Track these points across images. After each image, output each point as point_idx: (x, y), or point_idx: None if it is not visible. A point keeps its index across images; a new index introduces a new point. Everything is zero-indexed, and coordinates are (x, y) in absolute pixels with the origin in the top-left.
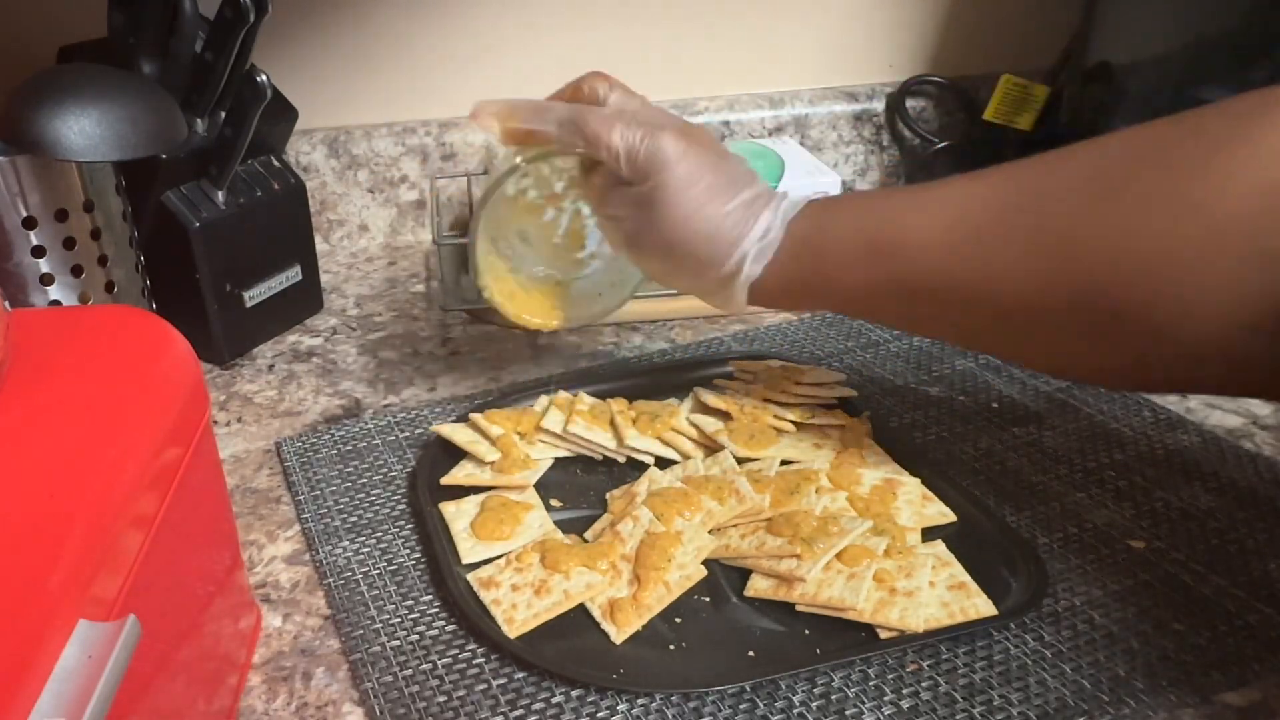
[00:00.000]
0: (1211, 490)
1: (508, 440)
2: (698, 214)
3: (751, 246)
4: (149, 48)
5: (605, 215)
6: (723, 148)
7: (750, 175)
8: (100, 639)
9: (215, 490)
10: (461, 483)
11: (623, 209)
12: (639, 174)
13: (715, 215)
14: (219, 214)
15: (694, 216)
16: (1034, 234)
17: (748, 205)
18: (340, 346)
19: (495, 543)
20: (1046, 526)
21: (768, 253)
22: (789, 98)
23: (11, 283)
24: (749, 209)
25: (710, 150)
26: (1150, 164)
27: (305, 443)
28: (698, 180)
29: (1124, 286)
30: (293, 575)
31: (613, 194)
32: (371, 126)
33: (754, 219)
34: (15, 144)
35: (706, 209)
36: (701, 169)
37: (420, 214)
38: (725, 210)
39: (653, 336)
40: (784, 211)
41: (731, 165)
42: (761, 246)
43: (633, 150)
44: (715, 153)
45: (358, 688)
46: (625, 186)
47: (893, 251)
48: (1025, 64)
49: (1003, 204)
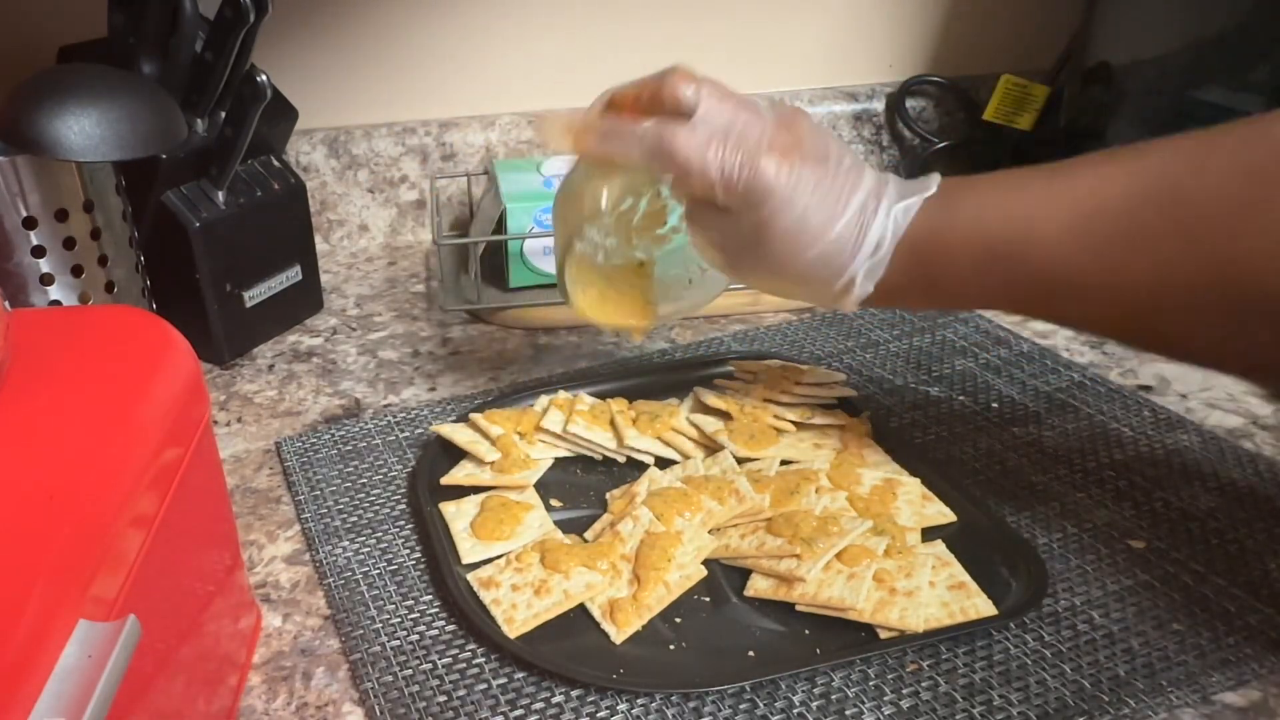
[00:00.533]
0: (1211, 490)
1: (507, 440)
2: (805, 244)
3: (861, 266)
4: (149, 48)
5: (698, 234)
6: (824, 137)
7: (856, 171)
8: (100, 639)
9: (215, 490)
10: (461, 482)
11: (719, 234)
12: (738, 205)
13: (823, 239)
14: (219, 214)
15: (801, 247)
16: (1184, 231)
17: (856, 217)
18: (340, 346)
19: (495, 543)
20: (1046, 526)
21: (878, 270)
22: (789, 98)
23: (11, 283)
24: (858, 221)
25: (812, 155)
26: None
27: (305, 443)
28: (803, 202)
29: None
30: (293, 575)
31: (706, 215)
32: (371, 126)
33: (863, 234)
34: (15, 144)
35: (814, 235)
36: (806, 186)
37: (420, 214)
38: (834, 233)
39: (653, 336)
40: (895, 217)
41: (836, 166)
42: (872, 265)
43: (730, 181)
44: (817, 156)
45: (358, 688)
46: (721, 211)
47: (1017, 254)
48: (1025, 64)
49: (1144, 197)
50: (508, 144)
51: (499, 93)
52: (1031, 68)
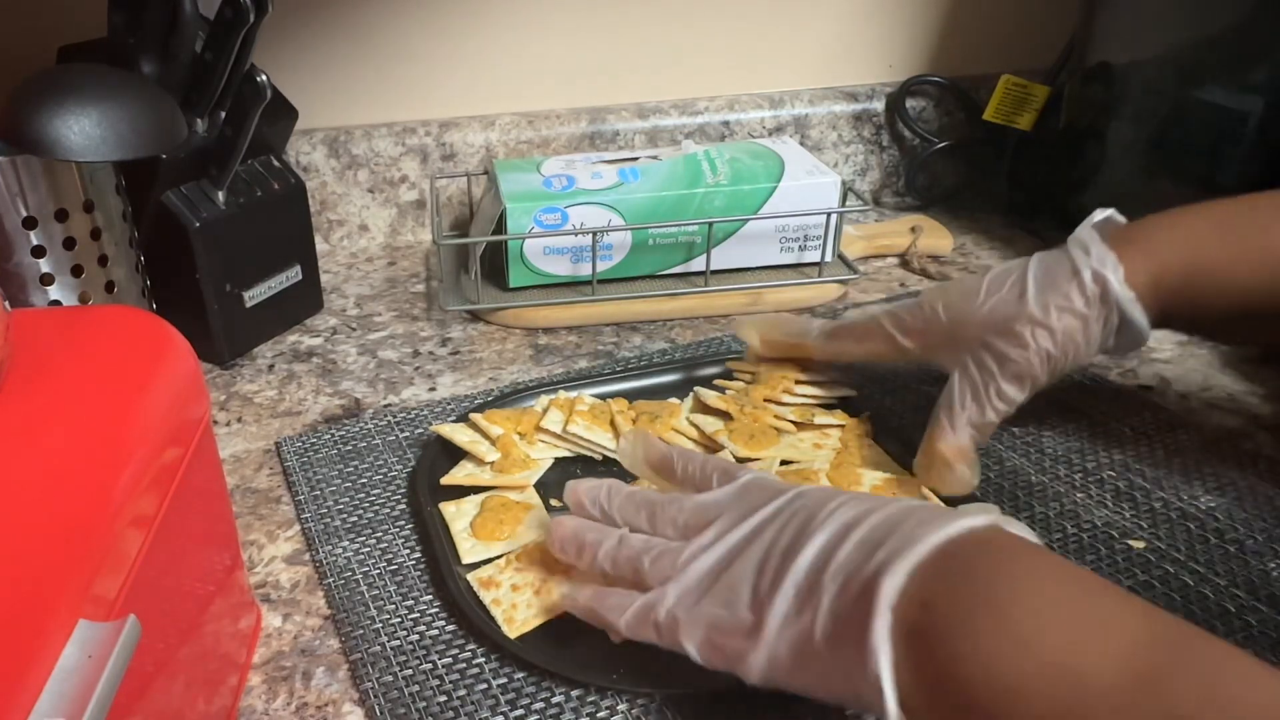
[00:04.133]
0: (1211, 490)
1: (508, 440)
2: None
3: None
4: (149, 48)
5: None
6: None
7: None
8: (100, 639)
9: (215, 490)
10: (461, 482)
11: None
12: None
13: None
14: (219, 214)
15: None
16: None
17: None
18: (340, 346)
19: (495, 542)
20: (1046, 526)
21: None
22: (789, 98)
23: (11, 283)
24: None
25: None
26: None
27: (305, 443)
28: None
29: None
30: (293, 575)
31: None
32: (371, 126)
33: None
34: (15, 144)
35: None
36: None
37: (420, 214)
38: None
39: (653, 336)
40: None
41: None
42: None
43: None
44: None
45: (358, 688)
46: None
47: None
48: (1025, 64)
49: None
50: (508, 144)
51: (499, 93)
52: (1031, 68)
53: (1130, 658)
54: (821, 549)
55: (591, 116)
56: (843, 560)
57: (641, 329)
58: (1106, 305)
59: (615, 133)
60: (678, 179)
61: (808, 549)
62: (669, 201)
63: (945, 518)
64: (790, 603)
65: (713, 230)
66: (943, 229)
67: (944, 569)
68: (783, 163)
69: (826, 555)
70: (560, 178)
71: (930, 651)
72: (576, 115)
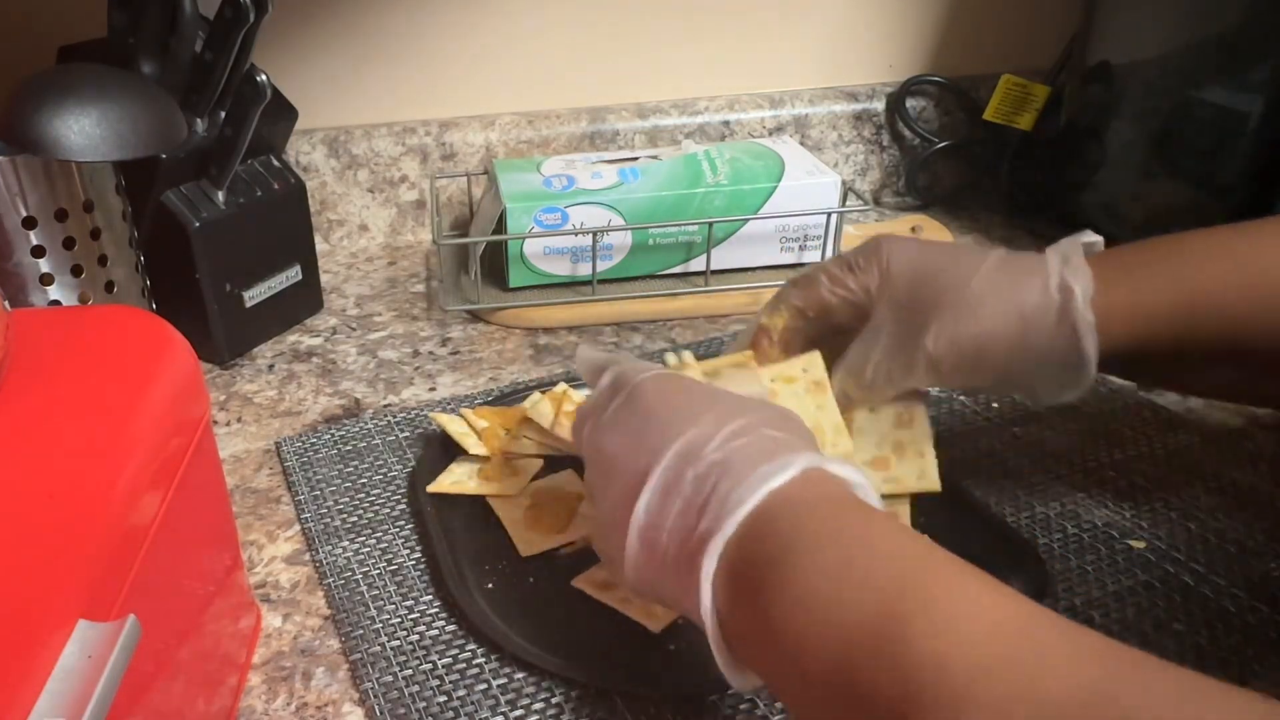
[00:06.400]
0: (1211, 490)
1: (493, 436)
2: None
3: None
4: (149, 48)
5: None
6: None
7: None
8: (100, 639)
9: (215, 490)
10: (448, 490)
11: None
12: None
13: None
14: (219, 214)
15: None
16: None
17: None
18: (340, 346)
19: (554, 535)
20: (1046, 526)
21: None
22: (789, 98)
23: (11, 283)
24: None
25: None
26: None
27: (305, 443)
28: None
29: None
30: (293, 575)
31: None
32: (371, 126)
33: None
34: (15, 144)
35: None
36: None
37: (420, 214)
38: None
39: (653, 336)
40: None
41: None
42: None
43: None
44: None
45: (358, 688)
46: None
47: None
48: (1025, 64)
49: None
50: (508, 144)
51: (499, 93)
52: (1031, 68)
53: (879, 604)
54: (657, 489)
55: (591, 116)
56: (674, 522)
57: (641, 329)
58: (1064, 324)
59: (615, 132)
60: (678, 179)
61: (645, 493)
62: (669, 201)
63: (767, 466)
64: (637, 537)
65: (713, 230)
66: (943, 229)
67: (758, 533)
68: (783, 163)
69: (659, 506)
70: (560, 177)
71: (748, 601)
72: (576, 115)
